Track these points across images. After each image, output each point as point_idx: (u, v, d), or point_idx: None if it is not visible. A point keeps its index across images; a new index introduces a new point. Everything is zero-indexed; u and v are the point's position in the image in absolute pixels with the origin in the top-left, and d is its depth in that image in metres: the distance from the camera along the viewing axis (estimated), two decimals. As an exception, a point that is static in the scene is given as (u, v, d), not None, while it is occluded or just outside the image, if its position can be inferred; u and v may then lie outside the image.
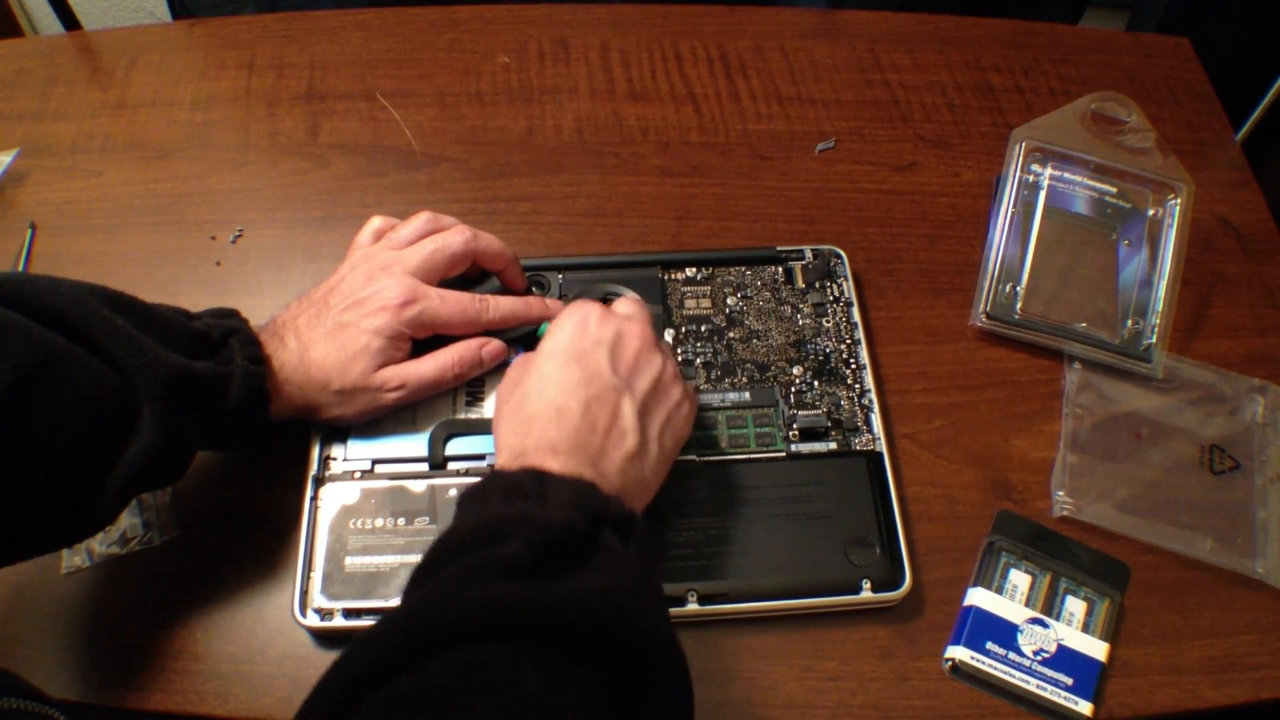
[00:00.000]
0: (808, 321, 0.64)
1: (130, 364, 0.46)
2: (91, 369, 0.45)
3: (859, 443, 0.59)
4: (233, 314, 0.53)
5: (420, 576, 0.42)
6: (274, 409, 0.52)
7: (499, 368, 0.59)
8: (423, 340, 0.56)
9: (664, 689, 0.39)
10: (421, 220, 0.58)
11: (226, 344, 0.51)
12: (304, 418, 0.55)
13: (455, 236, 0.57)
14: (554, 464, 0.46)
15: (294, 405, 0.53)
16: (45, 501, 0.45)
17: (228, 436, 0.51)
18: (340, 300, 0.55)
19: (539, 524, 0.41)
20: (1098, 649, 0.54)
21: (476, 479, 0.46)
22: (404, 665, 0.36)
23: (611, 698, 0.38)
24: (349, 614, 0.52)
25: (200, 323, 0.51)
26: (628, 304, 0.56)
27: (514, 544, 0.40)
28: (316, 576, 0.53)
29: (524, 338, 0.60)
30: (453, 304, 0.56)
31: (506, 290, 0.61)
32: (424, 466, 0.57)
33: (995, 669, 0.53)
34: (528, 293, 0.62)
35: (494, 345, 0.58)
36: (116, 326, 0.46)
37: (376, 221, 0.59)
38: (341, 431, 0.57)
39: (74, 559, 0.55)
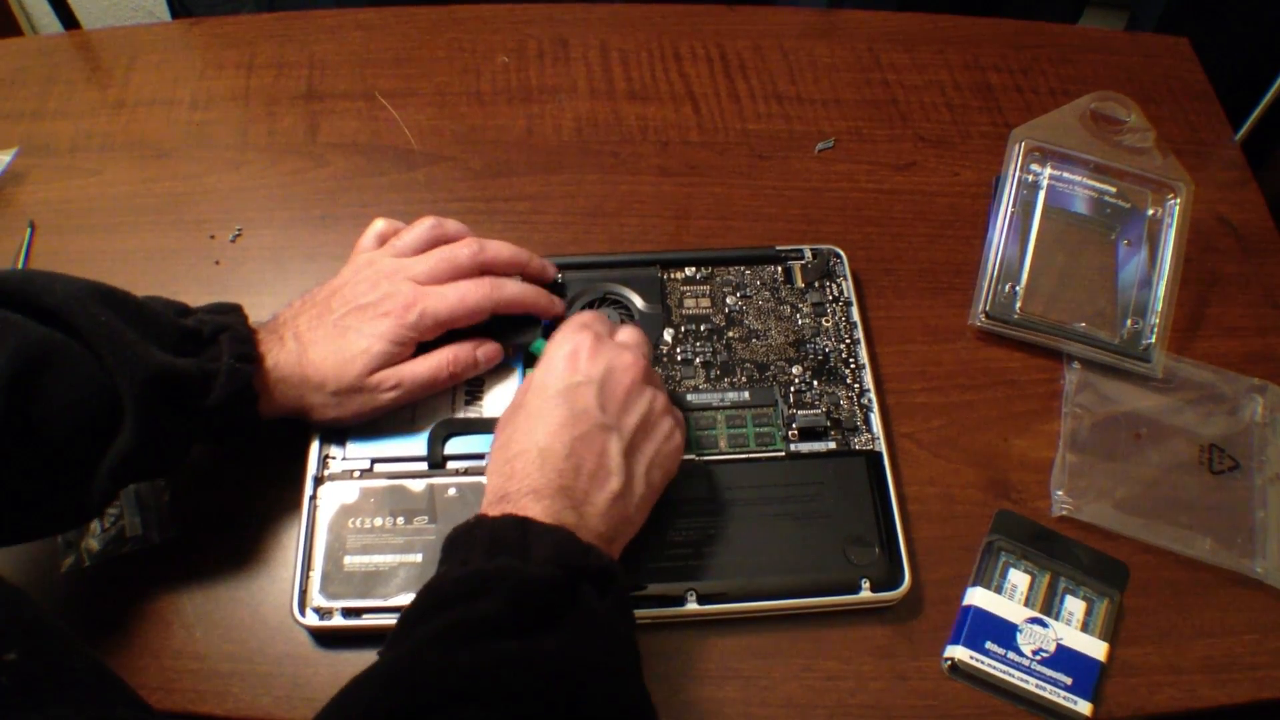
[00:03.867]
0: (807, 321, 0.64)
1: (111, 361, 0.46)
2: (82, 366, 0.46)
3: (858, 442, 0.59)
4: (231, 309, 0.53)
5: (404, 626, 0.43)
6: (264, 407, 0.52)
7: (499, 367, 0.59)
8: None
9: None
10: (425, 227, 0.58)
11: (215, 341, 0.51)
12: (297, 417, 0.55)
13: (463, 250, 0.57)
14: (536, 509, 0.46)
15: (286, 404, 0.53)
16: (35, 492, 0.46)
17: (215, 432, 0.51)
18: (342, 304, 0.54)
19: (518, 581, 0.42)
20: (1097, 649, 0.54)
21: (463, 523, 0.47)
22: None
23: None
24: (348, 613, 0.52)
25: (192, 319, 0.51)
26: (629, 332, 0.55)
27: (493, 601, 0.41)
28: (315, 576, 0.53)
29: (522, 345, 0.60)
30: (452, 298, 0.55)
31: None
32: (423, 466, 0.56)
33: (994, 669, 0.53)
34: (557, 283, 0.62)
35: (489, 346, 0.58)
36: (101, 324, 0.47)
37: (380, 224, 0.59)
38: (341, 431, 0.57)
39: (73, 559, 0.55)
